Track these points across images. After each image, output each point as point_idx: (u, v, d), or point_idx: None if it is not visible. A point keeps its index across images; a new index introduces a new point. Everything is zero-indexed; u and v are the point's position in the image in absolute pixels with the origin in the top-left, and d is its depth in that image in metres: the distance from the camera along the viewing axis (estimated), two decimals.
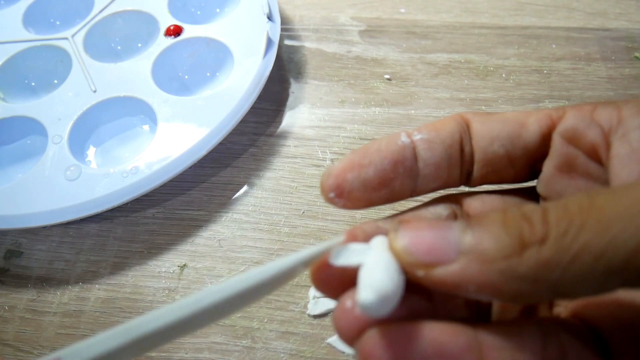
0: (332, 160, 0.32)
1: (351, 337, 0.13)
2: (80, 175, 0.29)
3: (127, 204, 0.29)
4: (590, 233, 0.11)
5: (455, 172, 0.17)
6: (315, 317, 0.26)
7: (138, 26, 0.37)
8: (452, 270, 0.12)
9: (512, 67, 0.36)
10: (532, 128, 0.16)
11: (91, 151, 0.33)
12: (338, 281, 0.14)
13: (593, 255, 0.11)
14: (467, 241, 0.13)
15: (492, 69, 0.36)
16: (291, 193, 0.31)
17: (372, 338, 0.13)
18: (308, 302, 0.27)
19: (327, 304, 0.27)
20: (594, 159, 0.15)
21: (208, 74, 0.36)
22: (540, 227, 0.12)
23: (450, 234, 0.13)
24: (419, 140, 0.16)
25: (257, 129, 0.34)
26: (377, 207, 0.17)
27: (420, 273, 0.13)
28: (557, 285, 0.12)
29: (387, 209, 0.28)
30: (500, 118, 0.17)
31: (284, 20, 0.39)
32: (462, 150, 0.16)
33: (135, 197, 0.28)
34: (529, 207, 0.13)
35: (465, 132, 0.16)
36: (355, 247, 0.14)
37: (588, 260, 0.11)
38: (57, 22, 0.39)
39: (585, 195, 0.12)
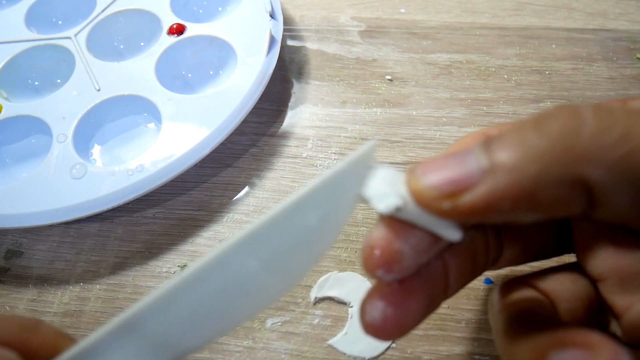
0: (334, 160, 0.32)
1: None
2: (86, 174, 0.29)
3: (128, 203, 0.29)
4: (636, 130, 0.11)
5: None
6: (317, 301, 0.26)
7: (140, 25, 0.37)
8: (480, 191, 0.12)
9: (513, 67, 0.36)
10: None
11: (96, 149, 0.33)
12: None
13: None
14: (489, 158, 0.12)
15: (493, 69, 0.36)
16: (292, 193, 0.31)
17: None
18: (309, 302, 0.27)
19: (330, 291, 0.27)
20: None
21: (211, 72, 0.36)
22: (570, 119, 0.11)
23: (469, 157, 0.12)
24: None
25: (258, 129, 0.34)
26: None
27: (446, 205, 0.12)
28: (594, 184, 0.11)
29: None
30: None
31: (285, 20, 0.39)
32: None
33: (141, 194, 0.28)
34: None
35: None
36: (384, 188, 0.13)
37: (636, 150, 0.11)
38: (60, 22, 0.39)
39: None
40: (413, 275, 0.14)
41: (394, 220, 0.13)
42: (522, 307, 0.16)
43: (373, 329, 0.14)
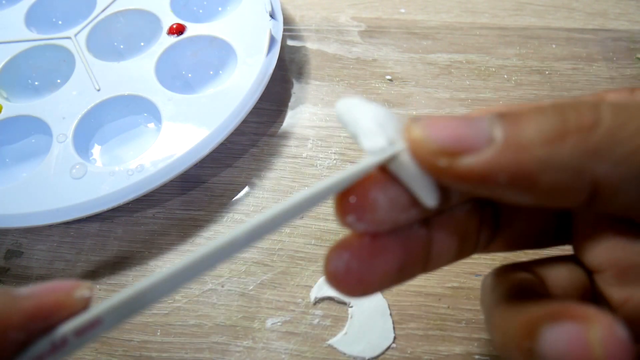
0: (333, 160, 0.32)
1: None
2: (86, 174, 0.29)
3: (128, 203, 0.29)
4: None
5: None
6: (317, 301, 0.26)
7: (140, 25, 0.37)
8: (483, 157, 0.11)
9: (513, 67, 0.36)
10: None
11: (96, 150, 0.33)
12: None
13: None
14: (500, 128, 0.11)
15: (493, 69, 0.36)
16: (292, 193, 0.31)
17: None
18: (309, 302, 0.27)
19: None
20: None
21: (211, 72, 0.36)
22: (589, 114, 0.11)
23: (479, 122, 0.12)
24: None
25: (258, 129, 0.35)
26: None
27: (442, 163, 0.11)
28: (601, 178, 0.11)
29: None
30: None
31: (285, 20, 0.39)
32: None
33: (141, 194, 0.28)
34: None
35: None
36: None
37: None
38: (60, 22, 0.39)
39: None
40: (388, 235, 0.14)
41: (376, 170, 0.13)
42: (515, 284, 0.15)
43: (334, 279, 0.13)
